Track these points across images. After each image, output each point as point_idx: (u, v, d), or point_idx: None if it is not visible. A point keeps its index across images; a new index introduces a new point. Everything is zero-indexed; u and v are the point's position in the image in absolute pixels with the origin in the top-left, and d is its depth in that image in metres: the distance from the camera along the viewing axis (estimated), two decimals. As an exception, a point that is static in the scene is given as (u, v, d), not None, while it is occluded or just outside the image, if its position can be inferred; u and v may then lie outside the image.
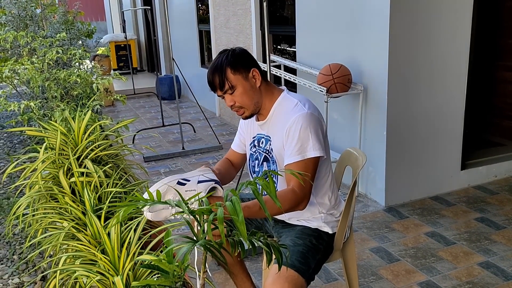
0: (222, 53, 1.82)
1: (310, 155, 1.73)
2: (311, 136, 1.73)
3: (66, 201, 2.19)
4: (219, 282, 2.62)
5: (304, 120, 1.74)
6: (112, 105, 8.12)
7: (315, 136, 1.74)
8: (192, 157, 5.04)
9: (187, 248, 1.12)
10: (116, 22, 13.43)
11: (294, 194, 1.69)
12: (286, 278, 1.62)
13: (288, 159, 1.75)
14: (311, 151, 1.73)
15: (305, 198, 1.73)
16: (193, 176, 1.73)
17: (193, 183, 1.69)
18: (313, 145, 1.73)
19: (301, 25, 4.29)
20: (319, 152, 1.74)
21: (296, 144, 1.73)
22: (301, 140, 1.73)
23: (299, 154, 1.73)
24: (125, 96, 3.68)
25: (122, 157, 2.76)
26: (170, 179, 1.69)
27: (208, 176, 1.76)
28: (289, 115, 1.78)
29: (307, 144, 1.73)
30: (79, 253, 1.85)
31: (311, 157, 1.73)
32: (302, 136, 1.73)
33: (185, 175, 1.73)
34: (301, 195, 1.71)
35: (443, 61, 3.44)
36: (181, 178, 1.70)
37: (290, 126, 1.75)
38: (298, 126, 1.74)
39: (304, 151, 1.73)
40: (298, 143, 1.73)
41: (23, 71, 3.53)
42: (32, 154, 2.63)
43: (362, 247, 2.96)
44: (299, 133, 1.73)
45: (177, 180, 1.69)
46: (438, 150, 3.60)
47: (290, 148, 1.75)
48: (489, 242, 2.95)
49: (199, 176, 1.74)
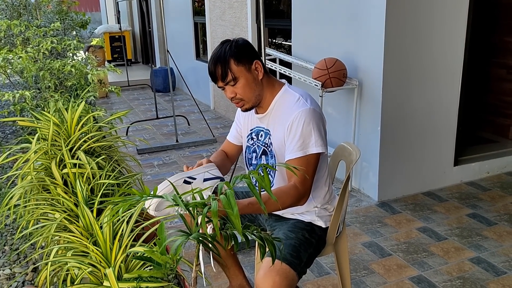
0: (225, 43, 1.79)
1: (312, 151, 1.73)
2: (314, 132, 1.73)
3: (58, 192, 2.18)
4: (211, 275, 2.63)
5: (307, 115, 1.73)
6: (106, 97, 8.07)
7: (317, 132, 1.74)
8: (186, 150, 5.03)
9: (181, 241, 1.12)
10: (111, 13, 13.34)
11: (296, 190, 1.70)
12: (278, 271, 1.62)
13: (289, 155, 1.75)
14: (313, 147, 1.73)
15: (306, 194, 1.73)
16: (199, 173, 1.71)
17: (199, 181, 1.68)
18: (316, 141, 1.73)
19: (297, 19, 4.28)
20: (321, 148, 1.74)
21: (299, 140, 1.73)
22: (304, 136, 1.73)
23: (301, 150, 1.73)
24: (119, 88, 3.66)
25: (116, 148, 2.75)
26: (177, 178, 1.67)
27: (213, 173, 1.74)
28: (291, 110, 1.77)
29: (309, 140, 1.73)
30: (71, 245, 1.84)
31: (313, 153, 1.73)
32: (304, 132, 1.73)
33: (191, 173, 1.71)
34: (302, 191, 1.71)
35: (438, 58, 3.44)
36: (187, 176, 1.68)
37: (293, 121, 1.74)
38: (301, 121, 1.73)
39: (306, 147, 1.73)
40: (300, 139, 1.73)
41: (16, 61, 3.50)
42: (24, 145, 2.61)
43: (354, 241, 2.97)
44: (302, 129, 1.73)
45: (183, 178, 1.67)
46: (431, 146, 3.61)
47: (292, 144, 1.74)
48: (481, 238, 2.97)
49: (205, 173, 1.71)
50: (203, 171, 1.73)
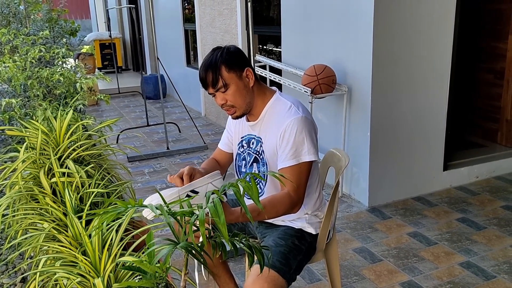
0: (216, 50, 1.79)
1: (304, 159, 1.74)
2: (306, 140, 1.74)
3: (47, 202, 2.16)
4: (202, 283, 2.61)
5: (299, 124, 1.74)
6: (96, 104, 8.03)
7: (309, 140, 1.75)
8: (176, 157, 5.02)
9: (167, 250, 1.12)
10: (101, 20, 13.31)
11: (289, 198, 1.70)
12: (266, 278, 1.62)
13: (282, 163, 1.75)
14: (305, 155, 1.74)
15: (299, 202, 1.74)
16: (202, 186, 1.64)
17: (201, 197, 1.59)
18: (308, 149, 1.74)
19: (286, 26, 4.30)
20: (313, 156, 1.75)
21: (291, 148, 1.73)
22: (296, 144, 1.73)
23: (293, 158, 1.73)
24: (109, 96, 3.63)
25: (105, 157, 2.73)
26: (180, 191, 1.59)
27: (217, 184, 1.66)
28: (283, 118, 1.78)
29: (301, 148, 1.73)
30: (59, 255, 1.83)
31: (305, 161, 1.74)
32: (297, 140, 1.73)
33: (194, 184, 1.63)
34: (296, 199, 1.72)
35: (426, 63, 3.47)
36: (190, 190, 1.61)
37: (285, 129, 1.75)
38: (293, 130, 1.73)
39: (299, 155, 1.73)
40: (293, 147, 1.73)
41: (4, 69, 3.47)
42: (12, 154, 2.59)
43: (345, 247, 2.98)
44: (294, 137, 1.73)
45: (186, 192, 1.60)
46: (421, 151, 3.63)
47: (285, 152, 1.75)
48: (470, 242, 2.99)
49: (208, 185, 1.66)
50: (207, 182, 1.65)
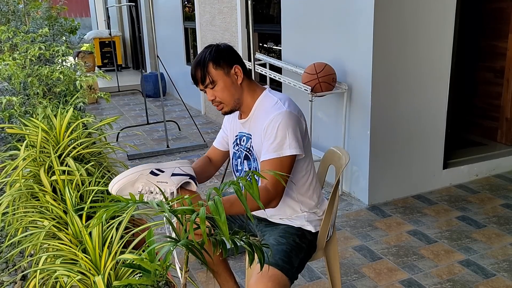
0: (207, 48, 1.83)
1: (286, 153, 1.74)
2: (288, 135, 1.74)
3: (47, 200, 2.16)
4: (202, 281, 2.62)
5: (283, 118, 1.75)
6: (96, 103, 8.03)
7: (292, 134, 1.75)
8: (176, 155, 5.02)
9: (168, 248, 1.12)
10: (101, 18, 13.31)
11: (266, 191, 1.70)
12: (270, 277, 1.63)
13: (264, 156, 1.76)
14: (287, 149, 1.74)
15: (277, 196, 1.73)
16: (169, 168, 1.72)
17: (166, 175, 1.69)
18: (290, 143, 1.74)
19: (286, 24, 4.30)
20: (295, 150, 1.75)
21: (273, 142, 1.74)
22: (278, 138, 1.74)
23: (275, 151, 1.74)
24: (109, 94, 3.64)
25: (105, 155, 2.73)
26: (145, 167, 1.69)
27: (184, 169, 1.75)
28: (268, 113, 1.79)
29: (284, 142, 1.74)
30: (59, 253, 1.83)
31: (287, 155, 1.74)
32: (279, 134, 1.74)
33: (162, 165, 1.73)
34: (273, 193, 1.71)
35: (426, 61, 3.47)
36: (155, 168, 1.70)
37: (268, 123, 1.76)
38: (276, 124, 1.74)
39: (281, 148, 1.74)
40: (275, 140, 1.74)
41: (4, 67, 3.47)
42: (12, 152, 2.59)
43: (345, 245, 2.98)
44: (277, 131, 1.74)
45: (151, 169, 1.69)
46: (421, 149, 3.63)
47: (267, 145, 1.76)
48: (470, 240, 2.99)
49: (175, 169, 1.73)
50: (175, 166, 1.74)
